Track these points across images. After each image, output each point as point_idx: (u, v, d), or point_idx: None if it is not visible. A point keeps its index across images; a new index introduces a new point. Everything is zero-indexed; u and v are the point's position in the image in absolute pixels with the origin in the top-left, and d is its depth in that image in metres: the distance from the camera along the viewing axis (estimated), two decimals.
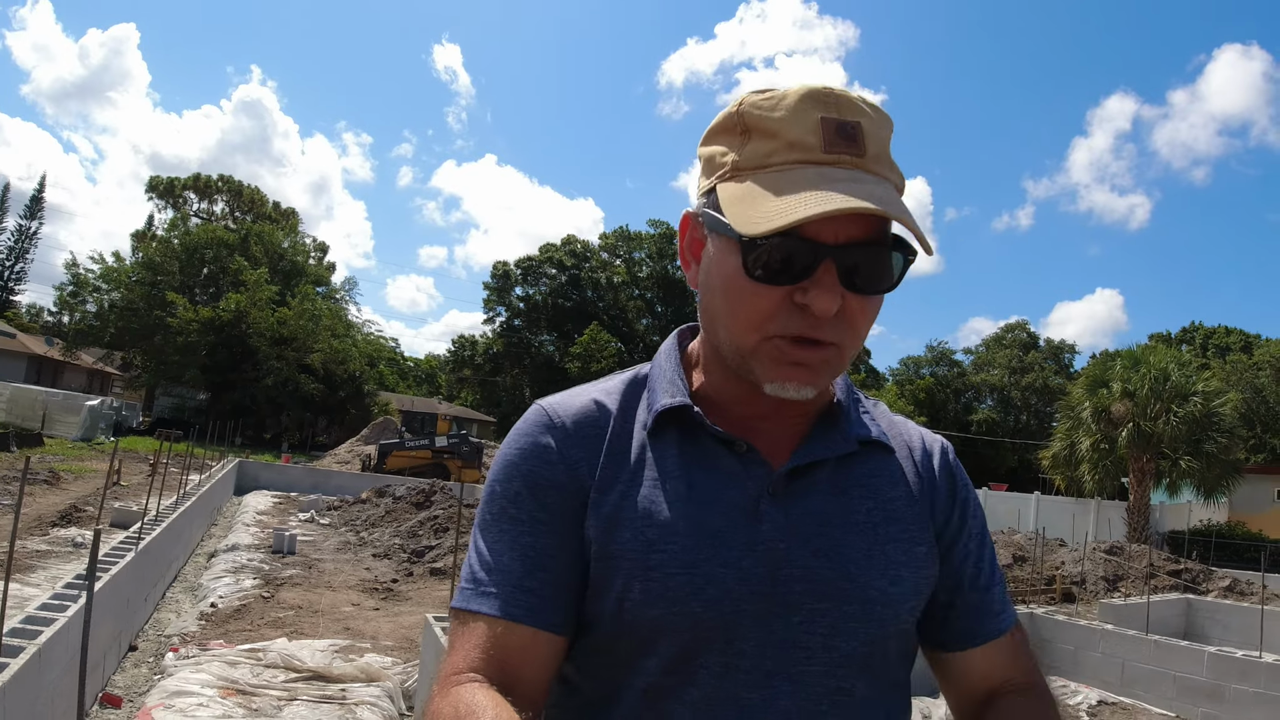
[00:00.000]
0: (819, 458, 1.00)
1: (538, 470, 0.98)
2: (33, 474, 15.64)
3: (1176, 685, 8.33)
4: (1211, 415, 25.79)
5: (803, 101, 0.92)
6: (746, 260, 0.91)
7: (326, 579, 9.51)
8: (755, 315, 0.92)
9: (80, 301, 42.00)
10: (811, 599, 0.95)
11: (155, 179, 61.18)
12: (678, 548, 0.94)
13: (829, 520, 0.99)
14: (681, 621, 0.93)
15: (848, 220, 0.89)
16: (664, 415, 1.01)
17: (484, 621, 0.92)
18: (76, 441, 25.73)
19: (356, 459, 29.32)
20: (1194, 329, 67.27)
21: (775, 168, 0.91)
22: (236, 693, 5.13)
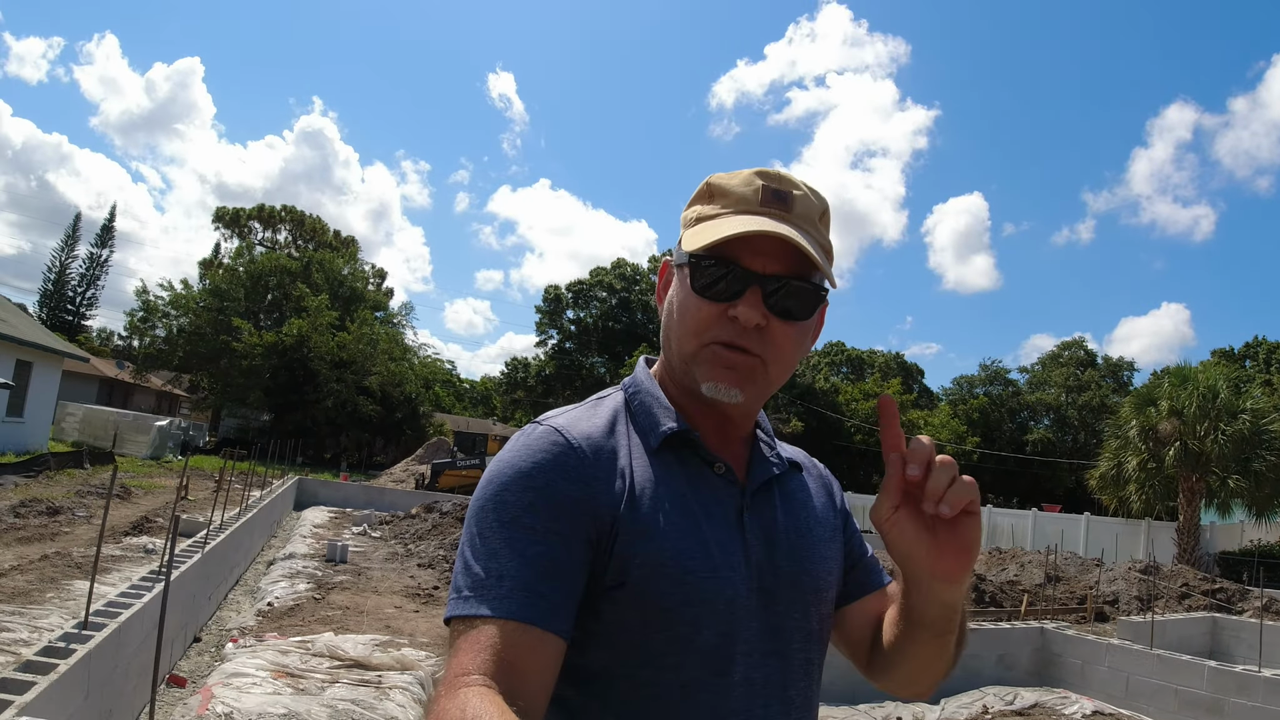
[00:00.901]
0: (768, 476, 1.22)
1: (554, 483, 1.04)
2: (105, 489, 16.69)
3: (1178, 699, 8.56)
4: (1261, 433, 25.24)
5: (752, 175, 1.17)
6: (693, 279, 1.13)
7: (373, 584, 10.25)
8: (697, 324, 1.12)
9: (150, 327, 43.83)
10: (787, 592, 1.15)
11: (221, 209, 63.48)
12: (704, 556, 1.08)
13: (785, 528, 1.20)
14: (712, 617, 1.06)
15: (775, 258, 1.11)
16: (668, 439, 1.16)
17: (494, 624, 0.95)
18: (146, 459, 27.00)
19: (411, 478, 30.18)
20: (1257, 344, 65.14)
21: (724, 215, 1.14)
22: (286, 675, 5.82)
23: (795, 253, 1.10)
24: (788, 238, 1.07)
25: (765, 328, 1.10)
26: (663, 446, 1.14)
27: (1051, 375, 68.54)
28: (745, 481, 1.19)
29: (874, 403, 58.30)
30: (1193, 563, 25.52)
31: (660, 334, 1.23)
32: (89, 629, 4.48)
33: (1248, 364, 62.68)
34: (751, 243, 1.09)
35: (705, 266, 1.11)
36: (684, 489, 1.12)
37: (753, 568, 1.12)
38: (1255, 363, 61.90)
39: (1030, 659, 9.54)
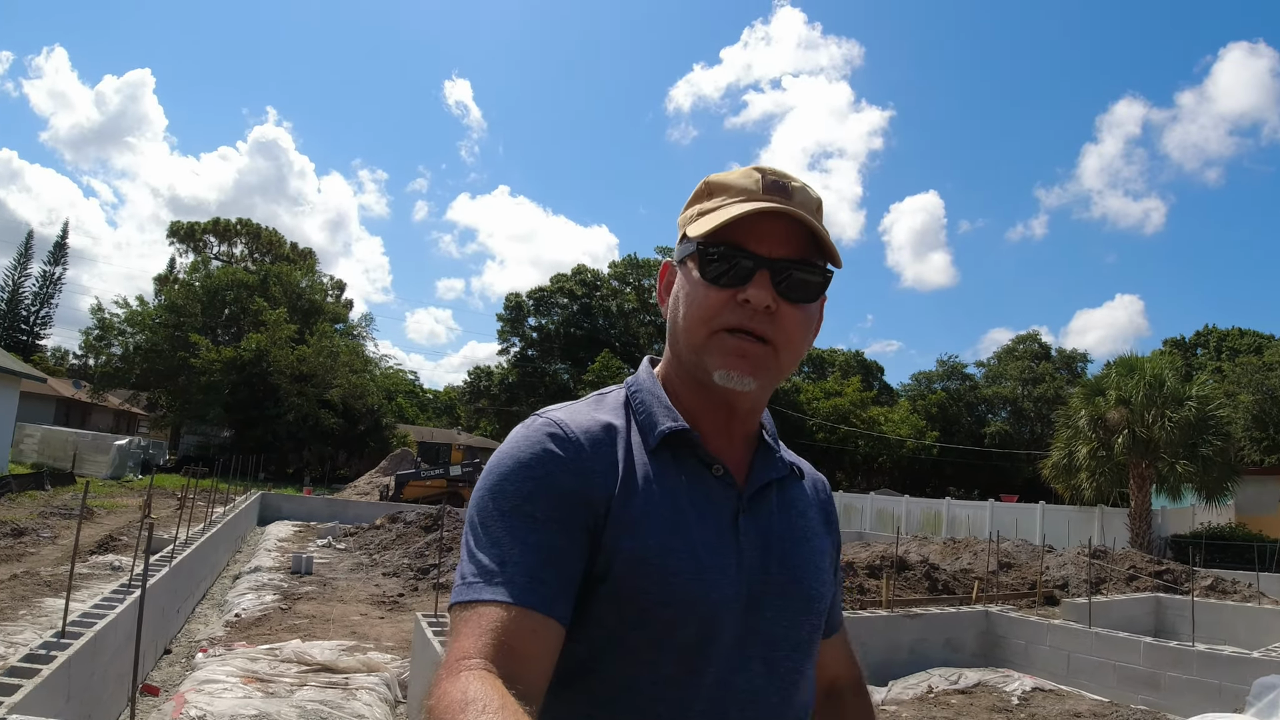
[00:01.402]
0: (768, 479, 1.21)
1: (553, 474, 1.06)
2: (68, 509, 16.70)
3: (1117, 674, 9.01)
4: (1207, 419, 26.00)
5: (751, 169, 1.18)
6: (703, 268, 1.13)
7: (339, 594, 10.46)
8: (706, 311, 1.12)
9: (106, 345, 43.42)
10: (776, 598, 1.14)
11: (176, 224, 63.08)
12: (688, 554, 1.07)
13: (781, 534, 1.19)
14: (692, 619, 1.06)
15: (781, 242, 1.12)
16: (666, 438, 1.16)
17: (496, 608, 0.97)
18: (107, 479, 26.82)
19: (375, 489, 30.23)
20: (1208, 332, 66.59)
21: (728, 204, 1.14)
22: (256, 680, 6.05)
23: (800, 238, 1.14)
24: (797, 214, 1.11)
25: (775, 311, 1.12)
26: (661, 446, 1.15)
27: (1007, 369, 69.85)
28: (744, 484, 1.19)
29: (835, 401, 59.09)
30: (1145, 546, 26.27)
31: (667, 332, 1.24)
32: (67, 638, 4.70)
33: (1199, 352, 64.23)
34: (757, 229, 1.12)
35: (712, 253, 1.13)
36: (678, 488, 1.13)
37: (743, 572, 1.12)
38: (1206, 350, 63.33)
39: (976, 641, 9.97)
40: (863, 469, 62.12)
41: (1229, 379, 50.46)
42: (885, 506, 37.85)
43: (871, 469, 62.19)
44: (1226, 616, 13.49)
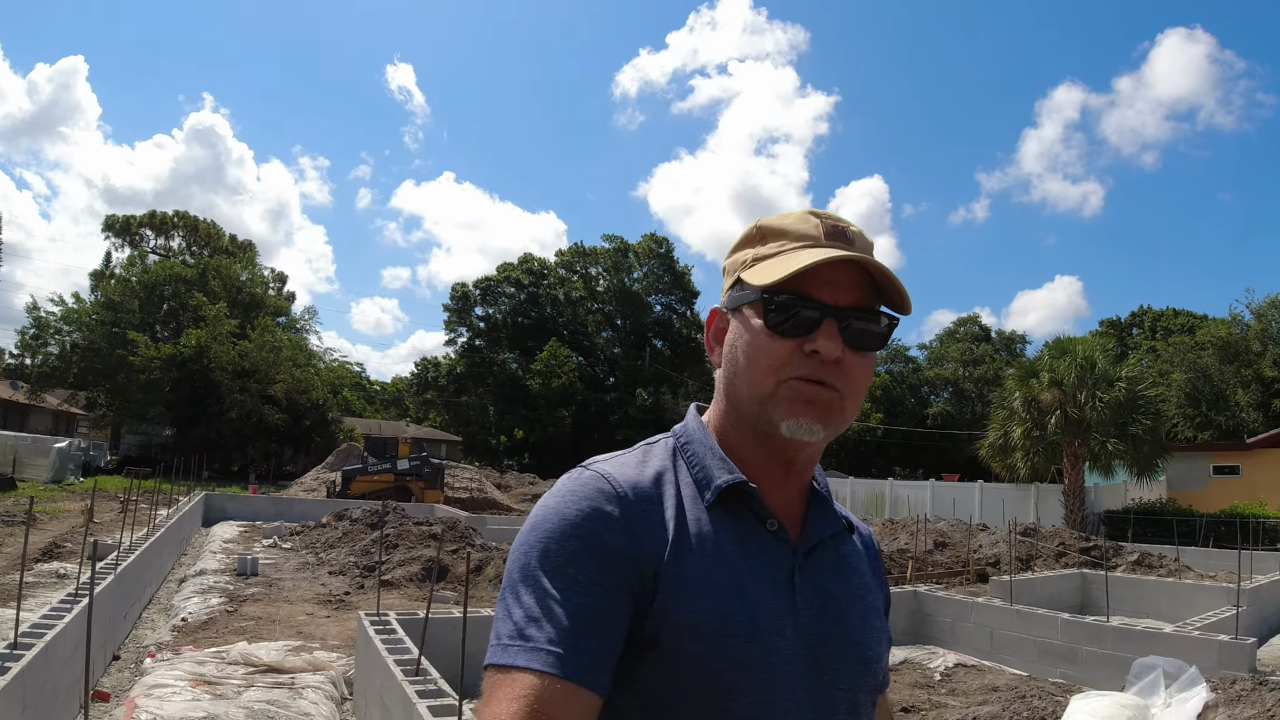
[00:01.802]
0: (823, 535, 1.17)
1: (600, 535, 1.02)
2: (10, 516, 16.53)
3: (1037, 649, 9.50)
4: (1137, 399, 26.90)
5: (806, 213, 1.16)
6: (767, 317, 1.09)
7: (285, 594, 10.62)
8: (773, 362, 1.08)
9: (42, 344, 42.59)
10: (836, 660, 1.10)
11: (111, 218, 61.79)
12: (748, 618, 1.03)
13: (838, 594, 1.15)
14: (752, 684, 1.02)
15: (846, 290, 1.09)
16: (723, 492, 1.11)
17: (534, 677, 0.93)
18: (48, 483, 26.48)
19: (322, 486, 30.08)
20: (1143, 313, 68.33)
21: (789, 250, 1.12)
22: (204, 683, 6.24)
23: (863, 286, 1.12)
24: (868, 261, 1.10)
25: (842, 361, 1.09)
26: (715, 501, 1.11)
27: (948, 351, 71.46)
28: (799, 540, 1.15)
29: None
30: (1079, 522, 27.22)
31: (722, 382, 1.19)
32: (19, 649, 4.86)
33: (1135, 332, 66.04)
34: (822, 277, 1.09)
35: (779, 301, 1.09)
36: (732, 546, 1.09)
37: (801, 633, 1.09)
38: (1142, 330, 65.09)
39: (905, 620, 10.44)
40: None
41: (1162, 358, 52.10)
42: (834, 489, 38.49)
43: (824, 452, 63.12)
44: (1149, 591, 14.15)
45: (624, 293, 67.31)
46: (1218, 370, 48.50)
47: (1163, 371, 50.92)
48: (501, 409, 60.75)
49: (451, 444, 59.55)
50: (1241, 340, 48.56)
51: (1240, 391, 47.39)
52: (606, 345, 68.01)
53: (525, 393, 59.25)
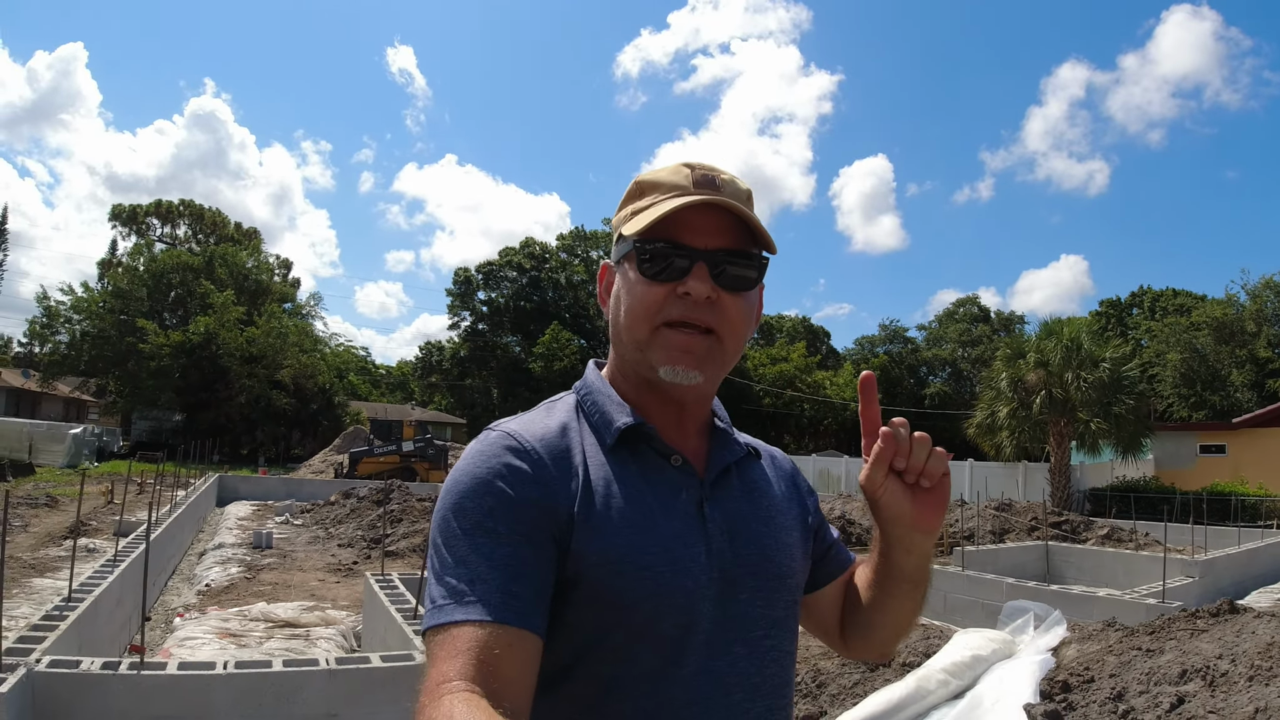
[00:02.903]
0: (726, 463, 1.23)
1: (513, 488, 1.05)
2: (33, 499, 17.44)
3: (984, 610, 10.24)
4: (1120, 379, 27.50)
5: (678, 165, 1.21)
6: (641, 265, 1.15)
7: (298, 564, 11.52)
8: (647, 307, 1.14)
9: (53, 332, 43.55)
10: (750, 579, 1.16)
11: (118, 207, 62.51)
12: (660, 548, 1.09)
13: (747, 516, 1.20)
14: (671, 609, 1.08)
15: (716, 234, 1.15)
16: (623, 433, 1.16)
17: (471, 627, 0.96)
18: (64, 468, 27.39)
19: (329, 468, 31.00)
20: (1143, 293, 68.33)
21: (660, 201, 1.17)
22: (229, 635, 7.12)
23: (734, 228, 1.16)
24: (730, 205, 1.13)
25: (715, 301, 1.14)
26: (618, 443, 1.16)
27: (947, 331, 71.95)
28: (704, 472, 1.20)
29: (781, 367, 60.65)
30: (1064, 499, 27.95)
31: (610, 333, 1.25)
32: (73, 601, 5.73)
33: (1135, 312, 66.36)
34: (691, 222, 1.13)
35: (650, 249, 1.14)
36: (640, 484, 1.13)
37: (714, 558, 1.13)
38: (1141, 310, 65.35)
39: None
40: (809, 431, 63.87)
41: (1158, 339, 52.56)
42: (826, 467, 39.33)
43: (817, 431, 63.95)
44: (1108, 562, 14.95)
45: None
46: (1213, 350, 48.82)
47: (1159, 352, 51.56)
48: (505, 391, 61.51)
49: (456, 426, 60.44)
50: (1236, 321, 48.80)
51: (1235, 371, 47.73)
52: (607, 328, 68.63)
53: (528, 375, 59.98)
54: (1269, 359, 47.73)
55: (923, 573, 1.25)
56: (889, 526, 1.18)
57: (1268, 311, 49.87)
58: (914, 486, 1.13)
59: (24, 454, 27.13)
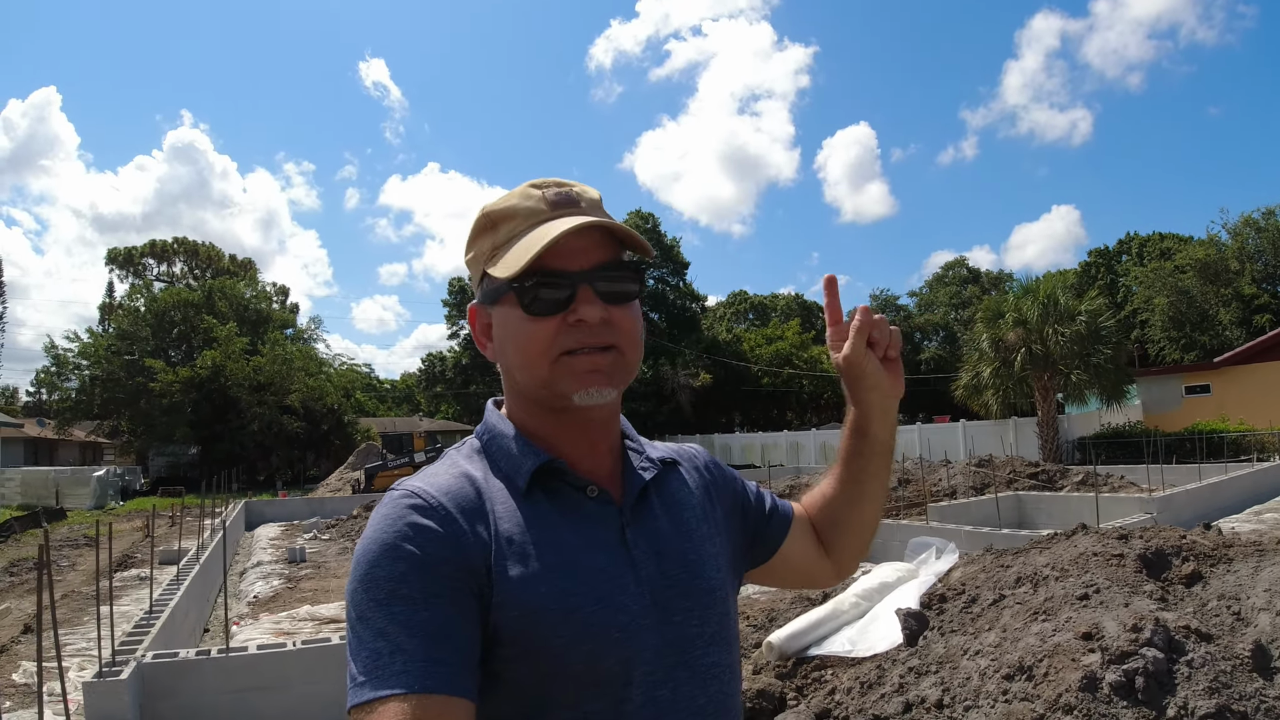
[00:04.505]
0: (643, 484, 1.20)
1: (424, 548, 1.00)
2: (73, 541, 18.61)
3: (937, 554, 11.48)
4: (1098, 330, 28.50)
5: (526, 188, 1.18)
6: (523, 302, 1.10)
7: (333, 572, 12.68)
8: (542, 344, 1.10)
9: (63, 379, 44.69)
10: (682, 600, 1.14)
11: (114, 250, 63.75)
12: (587, 589, 1.05)
13: (670, 535, 1.18)
14: (609, 647, 1.04)
15: (588, 252, 1.12)
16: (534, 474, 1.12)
17: (396, 702, 0.92)
18: (92, 510, 28.54)
19: (346, 485, 31.98)
20: (1130, 239, 68.52)
21: (520, 233, 1.13)
22: (283, 634, 8.25)
23: (604, 242, 1.14)
24: (598, 222, 1.11)
25: (608, 319, 1.11)
26: (530, 485, 1.12)
27: (938, 296, 73.04)
28: (621, 497, 1.17)
29: (777, 346, 61.63)
30: (1053, 451, 28.97)
31: (503, 375, 1.20)
32: (154, 614, 6.87)
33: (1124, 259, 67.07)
34: (562, 247, 1.09)
35: (529, 286, 1.10)
36: (557, 523, 1.10)
37: (644, 584, 1.11)
38: (1130, 257, 66.00)
39: None
40: (810, 406, 64.92)
41: (1145, 284, 53.40)
42: (828, 440, 40.36)
43: (819, 405, 65.00)
44: (1074, 505, 15.94)
45: None
46: (1199, 291, 49.48)
47: (1147, 298, 52.48)
48: None
49: (465, 433, 61.06)
50: (1220, 260, 49.53)
51: (1222, 310, 48.47)
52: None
53: None
54: (1254, 295, 48.37)
55: (893, 438, 1.37)
56: (870, 395, 1.31)
57: (1250, 248, 50.60)
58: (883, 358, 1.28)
59: (52, 500, 28.25)
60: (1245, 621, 3.91)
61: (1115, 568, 4.26)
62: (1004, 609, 4.14)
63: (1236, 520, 15.18)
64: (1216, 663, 3.17)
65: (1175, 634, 3.26)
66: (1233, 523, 14.82)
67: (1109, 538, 4.93)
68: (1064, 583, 4.12)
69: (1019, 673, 3.32)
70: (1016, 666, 3.34)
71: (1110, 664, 3.09)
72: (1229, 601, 4.03)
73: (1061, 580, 4.19)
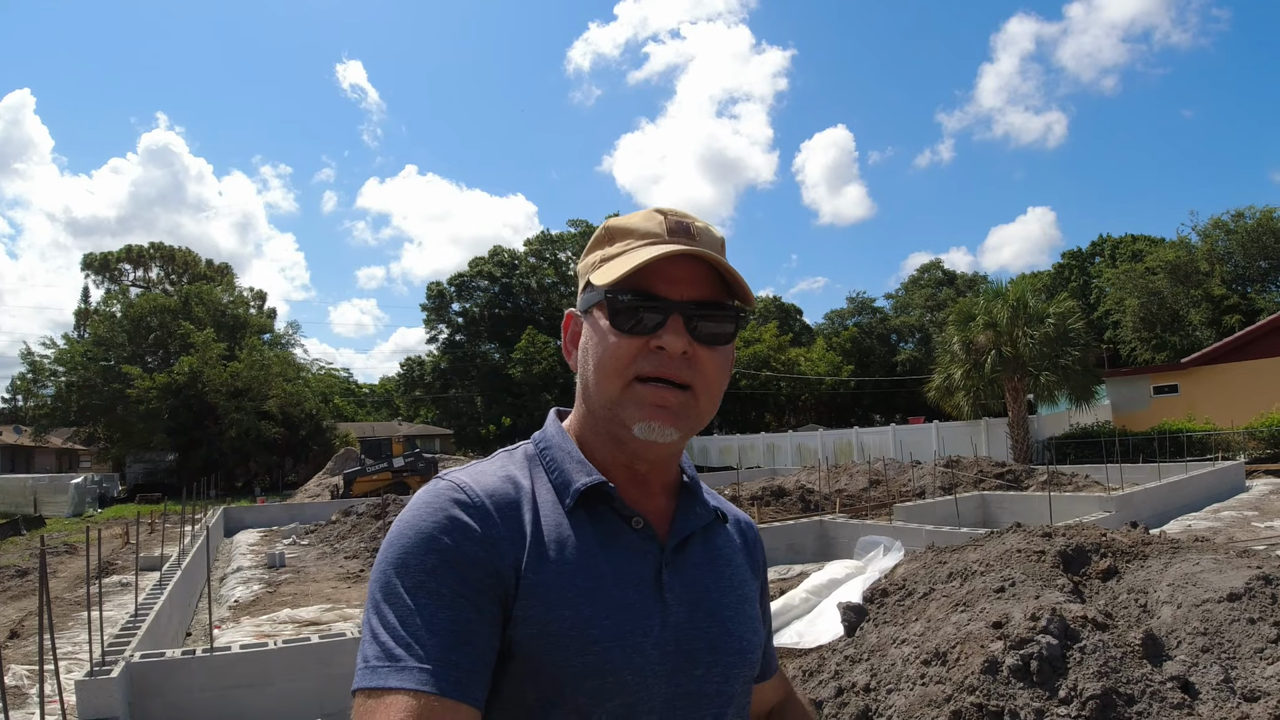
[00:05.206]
0: (692, 529, 1.17)
1: (459, 545, 1.00)
2: (52, 549, 18.75)
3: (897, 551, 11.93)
4: (1066, 332, 28.98)
5: (652, 211, 1.16)
6: (612, 317, 1.09)
7: (312, 576, 12.94)
8: (619, 361, 1.08)
9: (40, 387, 44.56)
10: (707, 654, 1.10)
11: (90, 256, 63.26)
12: (611, 622, 1.02)
13: (709, 587, 1.15)
14: (617, 689, 1.01)
15: (691, 285, 1.10)
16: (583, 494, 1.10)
17: (405, 697, 0.91)
18: (70, 517, 28.59)
19: (325, 490, 32.07)
20: (1103, 241, 69.44)
21: (632, 249, 1.12)
22: (264, 637, 8.54)
23: (709, 279, 1.12)
24: (707, 256, 1.09)
25: (691, 356, 1.08)
26: (576, 504, 1.10)
27: (913, 297, 73.77)
28: (666, 537, 1.14)
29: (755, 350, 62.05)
30: (1024, 451, 29.51)
31: (578, 386, 1.19)
32: (139, 617, 7.16)
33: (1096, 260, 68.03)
34: (666, 273, 1.09)
35: (622, 301, 1.09)
36: (595, 549, 1.07)
37: (669, 630, 1.07)
38: (1103, 258, 66.96)
39: (814, 544, 12.83)
40: (787, 408, 65.46)
41: (1117, 286, 54.25)
42: (804, 442, 40.82)
43: (796, 407, 65.56)
44: (1036, 505, 16.43)
45: None
46: (1170, 292, 50.25)
47: (1119, 299, 53.31)
48: (488, 399, 62.80)
49: (444, 438, 61.88)
50: (1190, 262, 50.26)
51: (1192, 311, 49.27)
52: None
53: (509, 381, 61.25)
54: (1224, 295, 49.12)
55: None
56: None
57: (1219, 250, 51.36)
58: None
59: (30, 507, 28.30)
60: (1150, 613, 4.30)
61: (1035, 563, 4.65)
62: (932, 601, 4.52)
63: (1195, 518, 15.65)
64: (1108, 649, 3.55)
65: (1072, 623, 3.64)
66: (1191, 520, 15.32)
67: (1034, 535, 5.33)
68: (986, 577, 4.50)
69: (935, 658, 3.69)
70: (934, 653, 3.72)
71: (1010, 649, 3.47)
72: (1137, 594, 4.42)
73: (985, 575, 4.57)
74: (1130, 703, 3.33)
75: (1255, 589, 4.24)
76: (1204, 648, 3.89)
